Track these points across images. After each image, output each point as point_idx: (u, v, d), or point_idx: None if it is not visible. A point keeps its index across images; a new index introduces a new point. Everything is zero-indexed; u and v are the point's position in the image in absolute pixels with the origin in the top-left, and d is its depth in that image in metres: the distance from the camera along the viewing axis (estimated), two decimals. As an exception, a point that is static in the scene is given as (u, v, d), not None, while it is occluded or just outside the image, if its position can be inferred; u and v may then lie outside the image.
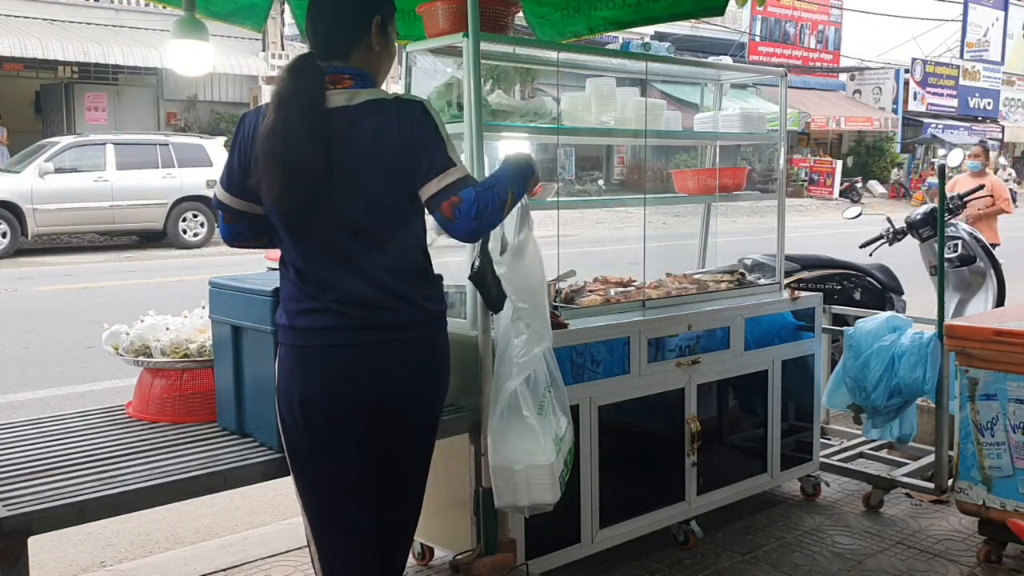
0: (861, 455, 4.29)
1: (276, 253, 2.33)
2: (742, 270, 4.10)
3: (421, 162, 2.13)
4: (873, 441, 4.29)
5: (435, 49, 3.11)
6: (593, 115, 3.52)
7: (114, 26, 17.55)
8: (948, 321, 3.64)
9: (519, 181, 2.28)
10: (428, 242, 2.31)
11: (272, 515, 3.99)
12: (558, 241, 3.29)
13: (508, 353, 2.62)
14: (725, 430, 3.70)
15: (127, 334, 2.81)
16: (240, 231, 2.32)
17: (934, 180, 9.03)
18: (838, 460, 4.17)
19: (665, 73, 4.22)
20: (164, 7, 4.67)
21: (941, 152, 27.30)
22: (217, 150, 14.47)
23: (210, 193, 13.98)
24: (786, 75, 4.06)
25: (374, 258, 2.14)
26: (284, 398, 2.21)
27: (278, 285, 2.29)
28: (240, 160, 2.19)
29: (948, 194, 6.20)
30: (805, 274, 5.16)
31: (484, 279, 2.54)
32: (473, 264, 2.59)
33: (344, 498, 2.24)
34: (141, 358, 2.75)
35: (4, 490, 2.12)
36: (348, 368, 2.14)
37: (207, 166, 14.17)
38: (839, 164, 27.03)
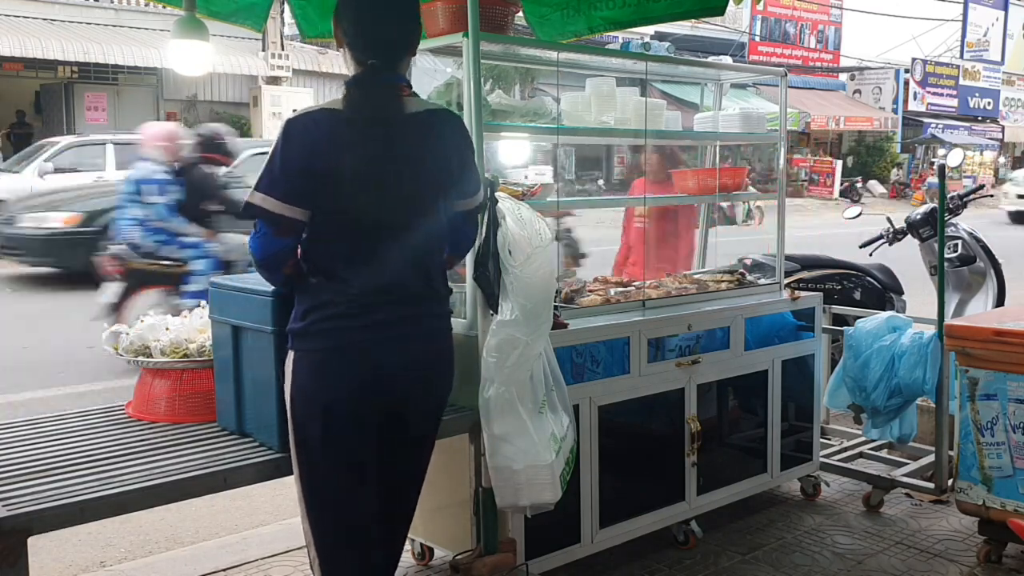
0: (861, 455, 4.29)
1: None
2: (742, 270, 4.10)
3: (468, 173, 2.35)
4: (873, 441, 4.29)
5: (435, 49, 3.11)
6: (593, 115, 3.52)
7: (114, 26, 17.53)
8: (948, 321, 3.64)
9: None
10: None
11: (272, 515, 3.99)
12: (558, 241, 3.29)
13: (504, 353, 2.61)
14: (725, 430, 3.70)
15: (127, 334, 2.81)
16: (292, 246, 2.17)
17: (934, 180, 9.04)
18: (838, 460, 4.17)
19: (665, 73, 4.23)
20: (164, 7, 4.67)
21: (941, 152, 27.29)
22: (217, 150, 14.43)
23: (210, 193, 14.07)
24: (786, 75, 4.06)
25: (421, 256, 2.25)
26: (319, 401, 2.15)
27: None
28: (304, 169, 2.09)
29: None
30: (805, 274, 5.16)
31: (487, 279, 2.57)
32: (476, 264, 2.61)
33: (359, 499, 2.24)
34: (141, 358, 2.75)
35: (4, 490, 2.12)
36: (401, 355, 2.21)
37: (206, 166, 14.15)
38: (839, 164, 27.02)
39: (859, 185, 27.19)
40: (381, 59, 2.21)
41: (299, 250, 2.21)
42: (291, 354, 2.20)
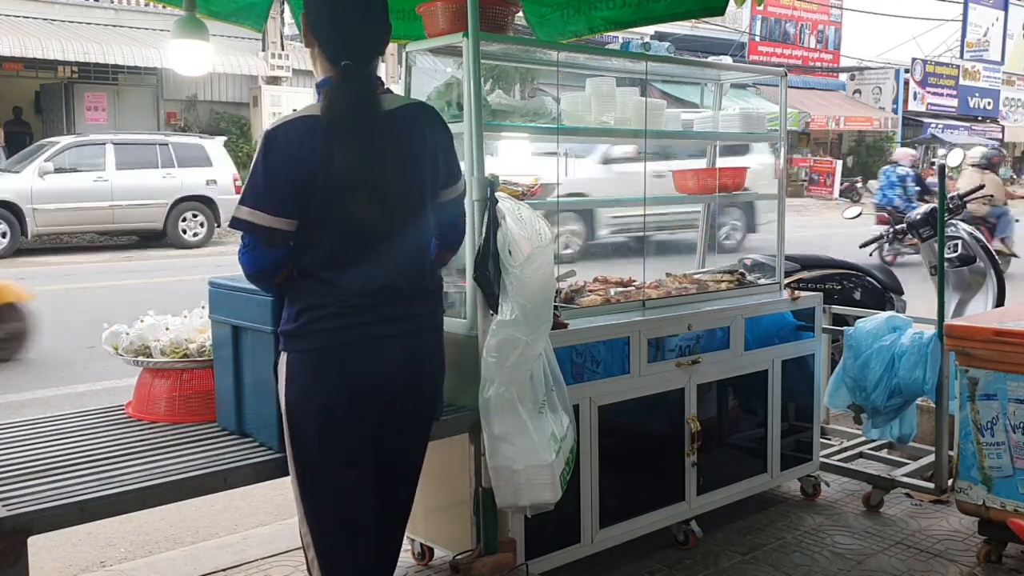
0: (861, 455, 4.29)
1: None
2: (742, 270, 4.11)
3: (449, 166, 2.33)
4: (873, 441, 4.29)
5: (435, 49, 3.11)
6: (593, 115, 3.52)
7: (114, 26, 17.55)
8: (948, 321, 3.64)
9: None
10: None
11: (272, 515, 3.99)
12: (558, 241, 3.29)
13: (504, 353, 2.61)
14: (725, 430, 3.70)
15: (127, 334, 2.81)
16: (284, 257, 2.15)
17: (934, 180, 9.13)
18: (838, 460, 4.16)
19: (665, 73, 4.22)
20: (164, 7, 4.68)
21: (941, 152, 27.30)
22: (217, 150, 14.45)
23: (210, 193, 14.09)
24: (786, 75, 4.07)
25: (409, 255, 2.24)
26: (313, 401, 2.15)
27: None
28: (289, 179, 2.07)
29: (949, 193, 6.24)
30: (805, 274, 5.16)
31: (487, 279, 2.57)
32: (476, 264, 2.61)
33: (356, 499, 2.24)
34: (141, 358, 2.75)
35: (4, 490, 2.12)
36: (393, 354, 2.21)
37: (207, 166, 14.17)
38: (839, 164, 27.00)
39: (859, 185, 27.18)
40: (354, 60, 2.18)
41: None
42: (283, 356, 2.20)
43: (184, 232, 14.14)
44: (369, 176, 2.13)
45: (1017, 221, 10.89)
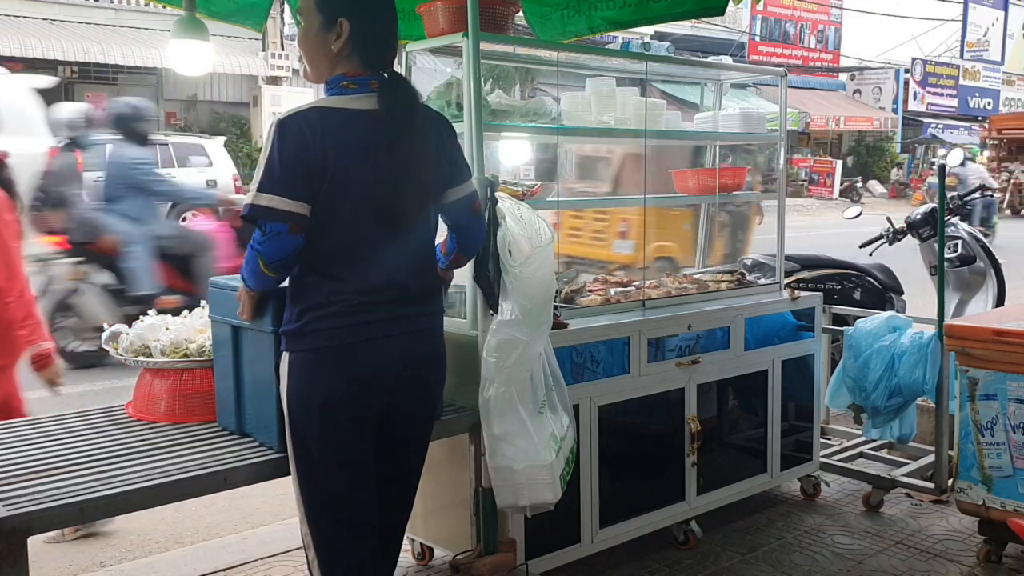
0: (861, 455, 4.29)
1: None
2: (742, 270, 4.10)
3: (455, 164, 2.35)
4: (873, 441, 4.29)
5: (435, 49, 3.11)
6: (593, 115, 3.53)
7: (114, 26, 17.54)
8: (948, 321, 3.64)
9: None
10: None
11: (272, 515, 3.99)
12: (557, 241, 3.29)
13: (504, 353, 2.61)
14: (725, 430, 3.70)
15: (127, 334, 2.81)
16: (302, 244, 2.13)
17: (934, 180, 9.12)
18: (838, 460, 4.17)
19: (665, 73, 4.23)
20: (164, 7, 4.69)
21: (941, 152, 27.30)
22: (217, 150, 14.44)
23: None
24: (786, 75, 4.07)
25: (413, 253, 2.26)
26: (316, 400, 2.15)
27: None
28: (305, 167, 2.07)
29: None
30: (805, 274, 5.16)
31: (487, 279, 2.58)
32: (476, 264, 2.61)
33: (357, 498, 2.24)
34: (141, 358, 2.75)
35: (4, 490, 2.12)
36: (397, 354, 2.22)
37: (207, 166, 14.15)
38: (839, 164, 27.02)
39: (859, 185, 27.19)
40: (391, 63, 2.25)
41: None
42: (286, 355, 2.20)
43: (184, 232, 14.09)
44: (382, 174, 2.14)
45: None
